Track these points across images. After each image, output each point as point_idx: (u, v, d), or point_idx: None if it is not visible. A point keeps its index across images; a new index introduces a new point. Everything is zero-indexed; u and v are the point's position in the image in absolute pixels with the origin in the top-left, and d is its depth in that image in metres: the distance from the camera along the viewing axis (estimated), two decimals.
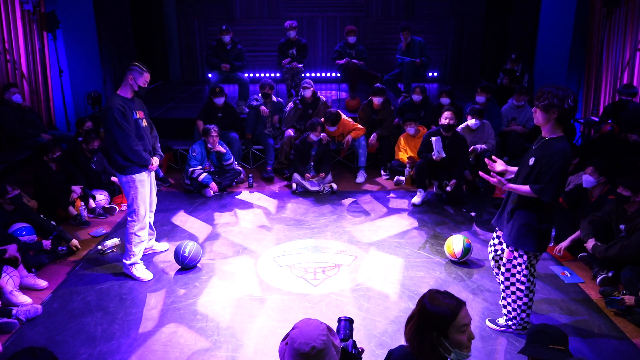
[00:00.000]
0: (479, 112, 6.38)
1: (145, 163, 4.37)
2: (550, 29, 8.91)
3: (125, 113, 4.21)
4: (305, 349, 1.90)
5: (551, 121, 3.15)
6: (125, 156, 4.26)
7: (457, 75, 11.27)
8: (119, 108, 4.17)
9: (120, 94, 4.31)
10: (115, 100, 4.23)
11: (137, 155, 4.29)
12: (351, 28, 8.34)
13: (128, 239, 4.44)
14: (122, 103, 4.23)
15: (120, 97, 4.28)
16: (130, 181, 4.34)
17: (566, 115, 3.09)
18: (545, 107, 3.11)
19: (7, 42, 7.14)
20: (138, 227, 4.43)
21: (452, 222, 5.66)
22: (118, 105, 4.19)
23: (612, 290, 4.08)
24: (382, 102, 7.12)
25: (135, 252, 4.46)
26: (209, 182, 6.33)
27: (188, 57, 11.22)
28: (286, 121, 7.33)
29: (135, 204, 4.40)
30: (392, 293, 4.24)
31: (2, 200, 4.68)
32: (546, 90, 3.11)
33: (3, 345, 3.58)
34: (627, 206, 4.35)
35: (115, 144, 4.24)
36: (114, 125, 4.17)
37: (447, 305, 1.94)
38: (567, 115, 3.10)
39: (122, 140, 4.21)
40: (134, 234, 4.43)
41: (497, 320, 3.75)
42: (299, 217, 5.79)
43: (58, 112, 8.10)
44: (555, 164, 3.10)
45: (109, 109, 4.18)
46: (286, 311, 3.99)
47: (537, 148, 3.28)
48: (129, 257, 4.46)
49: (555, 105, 3.07)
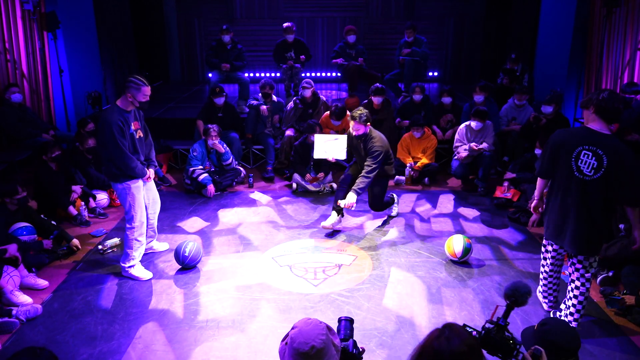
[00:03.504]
0: (482, 114, 6.37)
1: (141, 176, 4.35)
2: (550, 29, 8.91)
3: (123, 129, 4.15)
4: (305, 348, 1.90)
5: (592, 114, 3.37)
6: (117, 167, 4.23)
7: (457, 75, 11.26)
8: (118, 124, 4.10)
9: (119, 104, 4.23)
10: (114, 114, 4.14)
11: (132, 171, 4.26)
12: (350, 27, 8.34)
13: (128, 245, 4.43)
14: (121, 117, 4.15)
15: (118, 109, 4.19)
16: (126, 188, 4.31)
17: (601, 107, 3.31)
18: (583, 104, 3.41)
19: (7, 42, 7.14)
20: (137, 233, 4.42)
21: (452, 222, 5.66)
22: (117, 120, 4.11)
23: (612, 290, 4.08)
24: (382, 102, 7.12)
25: (135, 257, 4.46)
26: (208, 183, 6.33)
27: (188, 57, 11.22)
28: (286, 121, 7.33)
29: (132, 211, 4.37)
30: (392, 293, 4.24)
31: (9, 200, 4.68)
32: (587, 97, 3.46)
33: (3, 345, 3.58)
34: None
35: (110, 157, 4.19)
36: (111, 141, 4.11)
37: None
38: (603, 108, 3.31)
39: (118, 158, 4.16)
40: (135, 239, 4.41)
41: None
42: (299, 217, 5.79)
43: (58, 112, 8.09)
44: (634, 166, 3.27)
45: (108, 123, 4.09)
46: (286, 311, 3.99)
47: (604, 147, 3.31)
48: (128, 261, 4.46)
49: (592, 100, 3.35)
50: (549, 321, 2.35)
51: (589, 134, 3.34)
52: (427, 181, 6.79)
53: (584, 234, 3.42)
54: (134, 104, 4.22)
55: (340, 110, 6.77)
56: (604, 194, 3.32)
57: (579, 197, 3.38)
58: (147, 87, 4.20)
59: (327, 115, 7.02)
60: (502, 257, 4.86)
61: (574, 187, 3.39)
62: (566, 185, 3.43)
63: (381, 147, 5.16)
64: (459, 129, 6.64)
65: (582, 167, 3.34)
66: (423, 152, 6.86)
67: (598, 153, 3.28)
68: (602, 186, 3.29)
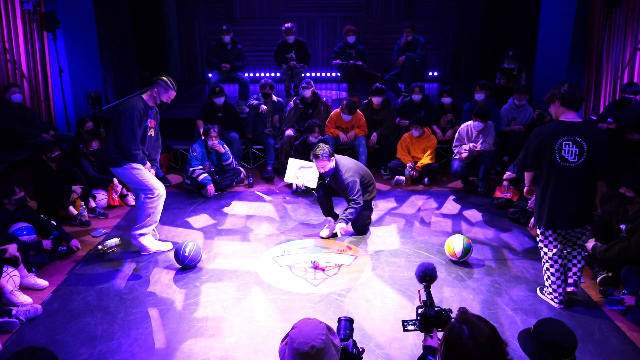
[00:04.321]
0: (484, 115, 6.37)
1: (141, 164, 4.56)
2: (550, 28, 8.91)
3: (142, 119, 4.44)
4: (305, 348, 1.90)
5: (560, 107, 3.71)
6: (120, 150, 4.46)
7: (457, 75, 11.27)
8: (140, 112, 4.39)
9: (145, 98, 4.52)
10: (139, 103, 4.46)
11: (133, 157, 4.48)
12: (350, 28, 8.35)
13: (145, 213, 4.63)
14: (144, 107, 4.46)
15: (143, 101, 4.50)
16: (127, 168, 4.51)
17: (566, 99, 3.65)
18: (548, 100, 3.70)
19: (7, 42, 7.15)
20: (156, 203, 4.64)
21: (453, 222, 5.66)
22: (140, 108, 4.42)
23: (612, 290, 4.08)
24: (381, 102, 7.12)
25: (149, 223, 4.67)
26: (207, 183, 6.33)
27: (188, 57, 11.23)
28: (286, 121, 7.33)
29: (148, 183, 4.58)
30: (392, 293, 4.24)
31: (7, 201, 4.68)
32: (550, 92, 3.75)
33: (3, 345, 3.58)
34: (629, 206, 4.34)
35: (118, 137, 4.44)
36: (128, 125, 4.37)
37: None
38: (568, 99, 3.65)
39: (127, 139, 4.41)
40: (152, 208, 4.63)
41: None
42: (299, 217, 5.79)
43: (58, 112, 8.10)
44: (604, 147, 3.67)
45: (131, 109, 4.39)
46: (286, 311, 3.98)
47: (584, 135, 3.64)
48: (141, 228, 4.66)
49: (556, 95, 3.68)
50: (545, 322, 2.37)
51: (565, 126, 3.68)
52: (427, 181, 6.79)
53: (577, 212, 3.78)
54: (156, 100, 4.52)
55: (352, 103, 6.79)
56: (588, 174, 3.69)
57: (567, 182, 3.71)
58: (174, 92, 4.56)
59: (337, 112, 7.00)
60: (502, 257, 4.86)
61: (561, 175, 3.72)
62: (554, 175, 3.74)
63: (352, 175, 5.07)
64: (459, 128, 6.64)
65: (565, 156, 3.67)
66: (423, 152, 6.85)
67: (577, 140, 3.63)
68: (585, 169, 3.66)
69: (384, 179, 7.01)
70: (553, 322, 2.38)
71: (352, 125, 7.00)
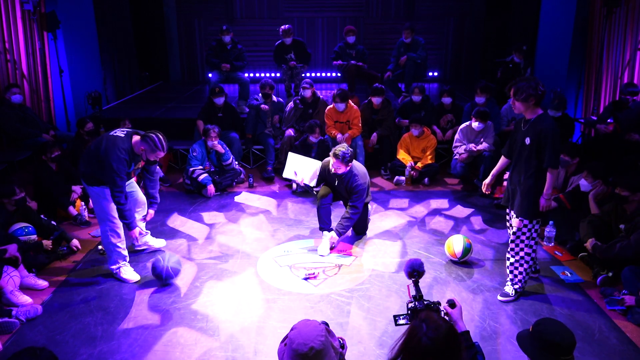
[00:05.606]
0: (483, 115, 6.37)
1: None
2: (551, 29, 8.90)
3: (128, 164, 4.19)
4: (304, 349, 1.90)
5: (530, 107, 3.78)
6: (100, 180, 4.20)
7: (457, 75, 11.27)
8: (124, 162, 4.12)
9: (133, 144, 4.21)
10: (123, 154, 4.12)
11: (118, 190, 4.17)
12: (350, 28, 8.35)
13: (108, 247, 4.41)
14: (129, 157, 4.17)
15: (131, 149, 4.19)
16: (99, 192, 4.25)
17: (541, 98, 3.76)
18: (525, 99, 3.73)
19: (8, 42, 7.15)
20: (113, 233, 4.36)
21: (453, 222, 5.66)
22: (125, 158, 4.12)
23: (612, 290, 4.08)
24: (381, 102, 7.12)
25: (118, 255, 4.41)
26: (208, 183, 6.33)
27: (188, 57, 11.23)
28: (286, 121, 7.33)
29: (106, 212, 4.31)
30: (392, 293, 4.24)
31: (7, 201, 4.68)
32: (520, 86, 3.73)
33: (3, 345, 3.58)
34: (627, 205, 4.35)
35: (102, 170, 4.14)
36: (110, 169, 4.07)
37: None
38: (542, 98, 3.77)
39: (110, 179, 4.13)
40: (113, 244, 4.37)
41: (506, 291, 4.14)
42: (299, 217, 5.79)
43: (58, 112, 8.10)
44: (548, 136, 3.71)
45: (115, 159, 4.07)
46: (286, 311, 3.99)
47: (527, 129, 3.82)
48: (114, 263, 4.43)
49: (532, 94, 3.71)
50: (543, 321, 2.41)
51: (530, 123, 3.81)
52: (427, 181, 6.79)
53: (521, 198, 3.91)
54: (142, 157, 4.29)
55: (343, 92, 6.75)
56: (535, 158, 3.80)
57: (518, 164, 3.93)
58: (162, 153, 4.27)
59: (330, 108, 6.97)
60: (502, 257, 4.85)
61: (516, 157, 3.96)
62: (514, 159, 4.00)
63: (364, 182, 5.01)
64: (459, 128, 6.64)
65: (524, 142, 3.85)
66: (423, 152, 6.86)
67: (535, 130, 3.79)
68: (533, 151, 3.79)
69: (384, 179, 7.01)
70: (551, 321, 2.41)
71: (347, 120, 6.94)
